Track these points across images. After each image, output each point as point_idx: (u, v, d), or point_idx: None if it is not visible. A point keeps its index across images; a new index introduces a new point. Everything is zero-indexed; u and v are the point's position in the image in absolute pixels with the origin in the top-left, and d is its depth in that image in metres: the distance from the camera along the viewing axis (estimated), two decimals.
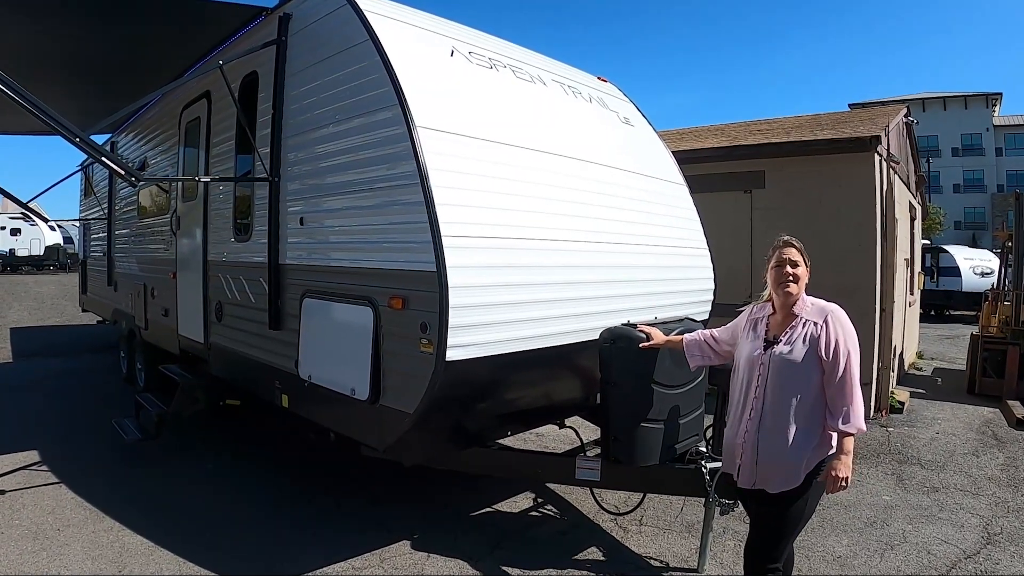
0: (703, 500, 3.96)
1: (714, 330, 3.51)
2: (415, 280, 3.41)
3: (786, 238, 3.03)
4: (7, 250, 30.42)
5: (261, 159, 4.60)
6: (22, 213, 26.05)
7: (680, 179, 5.69)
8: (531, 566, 4.03)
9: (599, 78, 5.92)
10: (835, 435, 2.86)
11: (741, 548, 4.21)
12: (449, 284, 3.24)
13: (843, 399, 2.80)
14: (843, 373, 2.80)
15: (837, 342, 2.82)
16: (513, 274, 3.66)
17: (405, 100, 3.47)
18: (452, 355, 3.30)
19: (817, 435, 2.87)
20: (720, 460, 3.47)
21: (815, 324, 2.89)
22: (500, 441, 4.62)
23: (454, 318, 3.27)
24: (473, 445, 4.28)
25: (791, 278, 2.94)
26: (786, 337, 2.92)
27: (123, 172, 4.47)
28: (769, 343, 2.98)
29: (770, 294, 3.07)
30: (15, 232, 30.81)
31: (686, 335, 3.61)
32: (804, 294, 2.99)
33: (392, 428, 3.62)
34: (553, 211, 4.06)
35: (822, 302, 2.99)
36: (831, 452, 2.88)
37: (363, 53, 3.77)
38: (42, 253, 31.36)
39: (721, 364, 3.50)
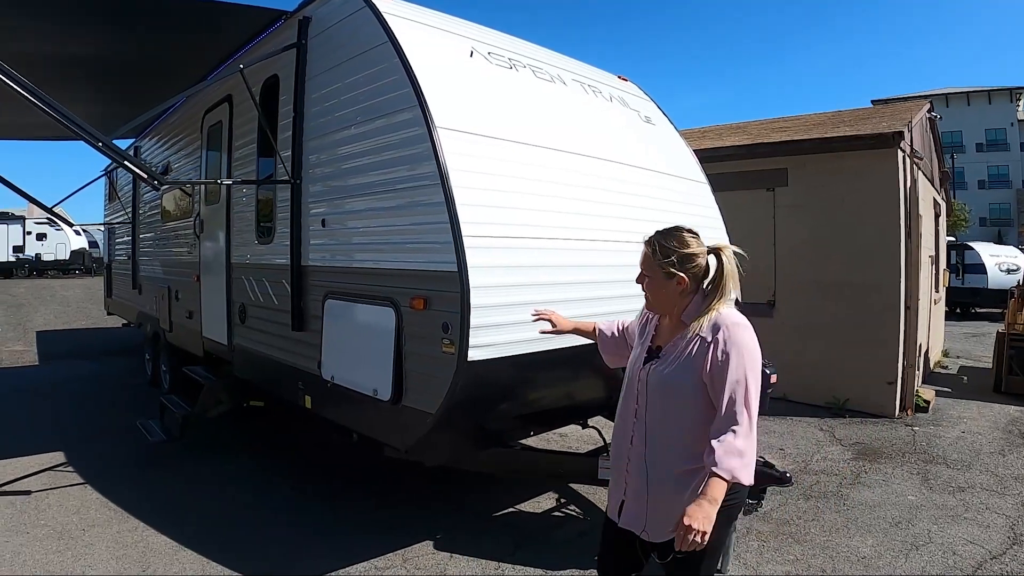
0: None
1: (627, 319, 2.82)
2: (436, 280, 3.41)
3: (647, 235, 2.39)
4: (33, 255, 30.95)
5: (283, 162, 4.63)
6: (47, 218, 26.44)
7: (702, 177, 5.65)
8: (554, 566, 4.01)
9: (620, 77, 5.89)
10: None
11: (765, 548, 4.19)
12: (470, 284, 3.24)
13: (723, 432, 2.09)
14: (727, 402, 2.10)
15: (724, 363, 2.13)
16: (534, 274, 3.65)
17: (425, 101, 3.47)
18: (474, 355, 3.30)
19: None
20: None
21: (703, 339, 2.20)
22: (522, 441, 4.61)
23: (475, 318, 3.27)
24: (495, 445, 4.26)
25: (643, 289, 2.39)
26: (667, 352, 2.30)
27: (146, 176, 4.51)
28: (651, 355, 2.37)
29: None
30: (41, 237, 31.31)
31: (600, 322, 2.95)
32: (700, 299, 2.29)
33: (414, 428, 3.62)
34: (574, 210, 4.04)
35: (726, 312, 2.23)
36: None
37: (383, 55, 3.78)
38: (67, 257, 31.92)
39: None
